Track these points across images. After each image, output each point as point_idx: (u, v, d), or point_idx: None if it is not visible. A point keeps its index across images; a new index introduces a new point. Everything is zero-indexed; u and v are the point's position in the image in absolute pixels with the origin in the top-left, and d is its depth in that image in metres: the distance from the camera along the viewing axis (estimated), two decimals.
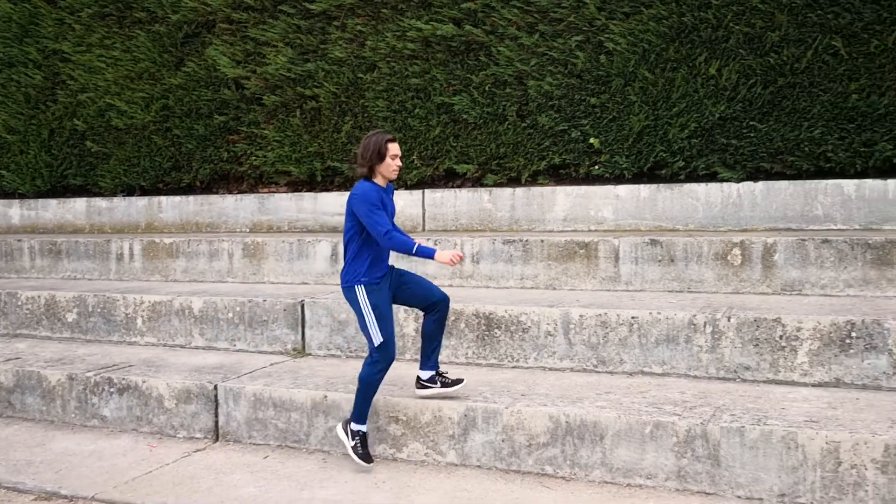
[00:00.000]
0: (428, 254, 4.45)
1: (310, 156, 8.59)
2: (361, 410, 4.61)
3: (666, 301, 5.68)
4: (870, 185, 6.56)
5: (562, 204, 7.55)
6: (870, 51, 6.49)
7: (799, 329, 4.88)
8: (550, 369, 5.48)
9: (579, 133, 7.50)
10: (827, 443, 3.90)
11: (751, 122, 6.88)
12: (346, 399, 4.96)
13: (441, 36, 7.85)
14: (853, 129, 6.61)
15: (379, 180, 4.61)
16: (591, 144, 7.48)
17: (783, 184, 6.80)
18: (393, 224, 4.54)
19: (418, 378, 4.82)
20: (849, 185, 6.62)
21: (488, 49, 7.74)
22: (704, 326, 5.10)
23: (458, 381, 4.78)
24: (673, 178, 7.30)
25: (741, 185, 6.92)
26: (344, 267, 4.64)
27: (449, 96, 7.91)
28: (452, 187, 8.12)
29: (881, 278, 5.64)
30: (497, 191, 7.80)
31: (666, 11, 7.02)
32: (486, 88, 7.76)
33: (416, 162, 8.15)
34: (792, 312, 5.03)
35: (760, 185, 6.87)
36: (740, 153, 6.95)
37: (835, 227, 6.65)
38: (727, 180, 7.01)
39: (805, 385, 4.83)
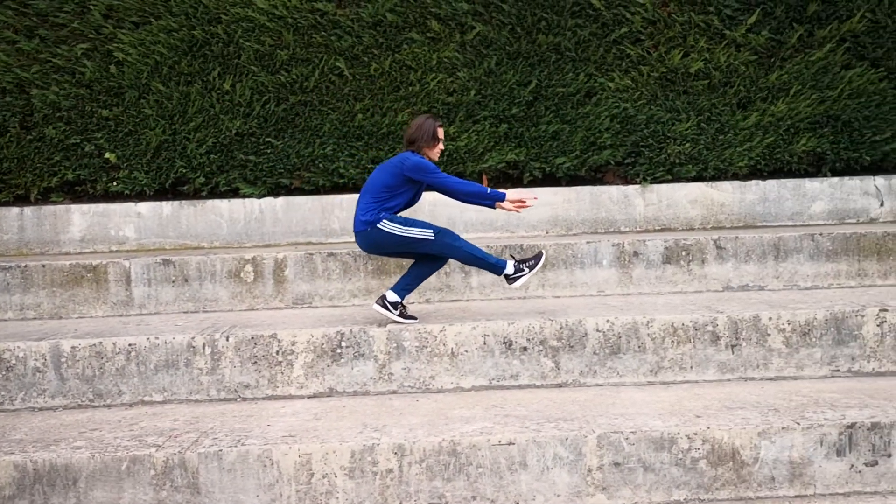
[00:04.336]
0: (498, 196, 4.94)
1: None
2: (491, 261, 5.01)
3: (174, 324, 5.47)
4: None
5: (78, 224, 6.98)
6: (370, 73, 6.92)
7: (294, 343, 4.96)
8: (40, 409, 4.95)
9: (94, 147, 7.00)
10: (300, 456, 3.96)
11: (267, 139, 6.96)
12: None
13: None
14: (361, 146, 7.00)
15: None
16: (108, 159, 7.02)
17: (302, 199, 6.98)
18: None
19: (384, 297, 5.12)
20: None
21: None
22: (204, 348, 4.97)
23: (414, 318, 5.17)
24: (196, 195, 7.13)
25: (263, 200, 6.97)
26: (356, 217, 4.99)
27: None
28: None
29: (381, 287, 6.00)
30: (3, 210, 6.97)
31: (176, 24, 6.82)
32: None
33: None
34: (290, 327, 5.11)
35: (281, 200, 6.98)
36: (260, 169, 7.00)
37: (351, 240, 6.98)
38: (249, 196, 7.01)
39: (301, 398, 4.92)
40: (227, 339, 4.97)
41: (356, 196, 6.97)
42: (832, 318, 4.97)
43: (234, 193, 7.10)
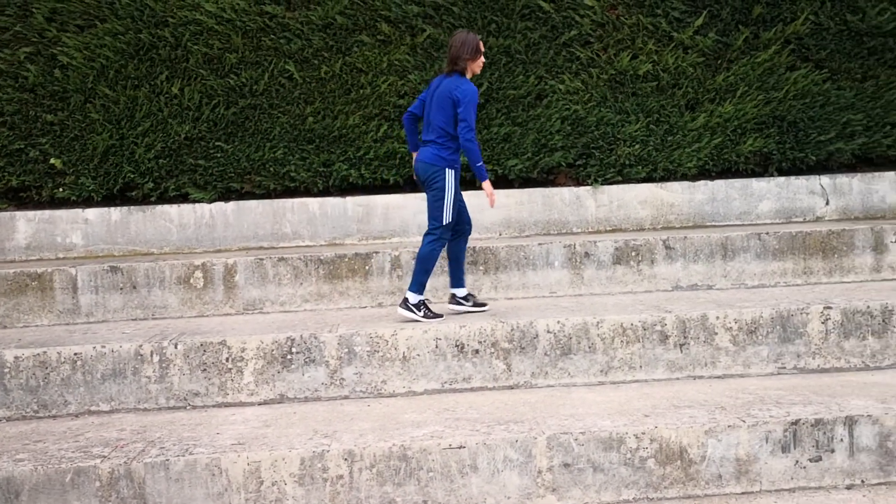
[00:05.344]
0: (481, 176, 5.07)
1: None
2: (421, 281, 5.15)
3: (121, 332, 5.38)
4: (332, 203, 6.95)
5: (24, 231, 6.84)
6: (321, 76, 6.89)
7: (244, 350, 4.91)
8: None
9: (39, 152, 6.86)
10: (249, 464, 3.92)
11: (217, 143, 6.89)
12: None
13: None
14: (312, 150, 6.95)
15: (468, 76, 5.11)
16: (54, 165, 6.89)
17: (253, 203, 6.92)
18: None
19: (453, 295, 5.39)
20: (313, 203, 6.95)
21: None
22: (152, 356, 4.89)
23: (485, 305, 5.46)
24: (145, 200, 7.03)
25: (213, 205, 6.89)
26: (429, 148, 5.09)
27: None
28: None
29: (333, 292, 5.97)
30: None
31: (122, 27, 6.72)
32: None
33: None
34: (240, 333, 5.06)
35: (232, 205, 6.91)
36: (210, 173, 6.92)
37: (303, 244, 6.94)
38: (199, 201, 6.93)
39: (252, 405, 4.88)
40: (176, 347, 4.90)
41: (308, 199, 6.93)
42: (778, 316, 5.05)
43: (183, 198, 7.01)
